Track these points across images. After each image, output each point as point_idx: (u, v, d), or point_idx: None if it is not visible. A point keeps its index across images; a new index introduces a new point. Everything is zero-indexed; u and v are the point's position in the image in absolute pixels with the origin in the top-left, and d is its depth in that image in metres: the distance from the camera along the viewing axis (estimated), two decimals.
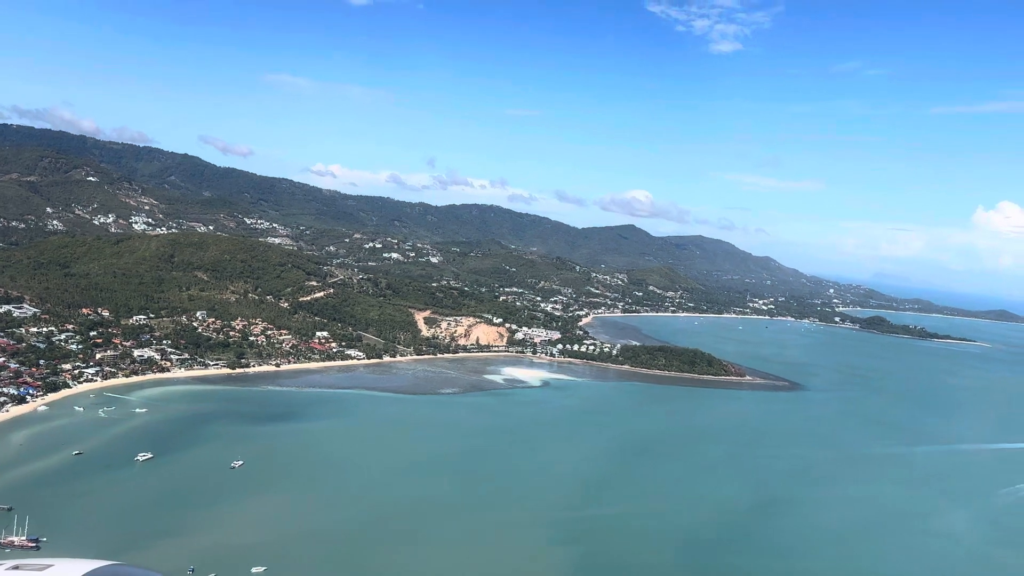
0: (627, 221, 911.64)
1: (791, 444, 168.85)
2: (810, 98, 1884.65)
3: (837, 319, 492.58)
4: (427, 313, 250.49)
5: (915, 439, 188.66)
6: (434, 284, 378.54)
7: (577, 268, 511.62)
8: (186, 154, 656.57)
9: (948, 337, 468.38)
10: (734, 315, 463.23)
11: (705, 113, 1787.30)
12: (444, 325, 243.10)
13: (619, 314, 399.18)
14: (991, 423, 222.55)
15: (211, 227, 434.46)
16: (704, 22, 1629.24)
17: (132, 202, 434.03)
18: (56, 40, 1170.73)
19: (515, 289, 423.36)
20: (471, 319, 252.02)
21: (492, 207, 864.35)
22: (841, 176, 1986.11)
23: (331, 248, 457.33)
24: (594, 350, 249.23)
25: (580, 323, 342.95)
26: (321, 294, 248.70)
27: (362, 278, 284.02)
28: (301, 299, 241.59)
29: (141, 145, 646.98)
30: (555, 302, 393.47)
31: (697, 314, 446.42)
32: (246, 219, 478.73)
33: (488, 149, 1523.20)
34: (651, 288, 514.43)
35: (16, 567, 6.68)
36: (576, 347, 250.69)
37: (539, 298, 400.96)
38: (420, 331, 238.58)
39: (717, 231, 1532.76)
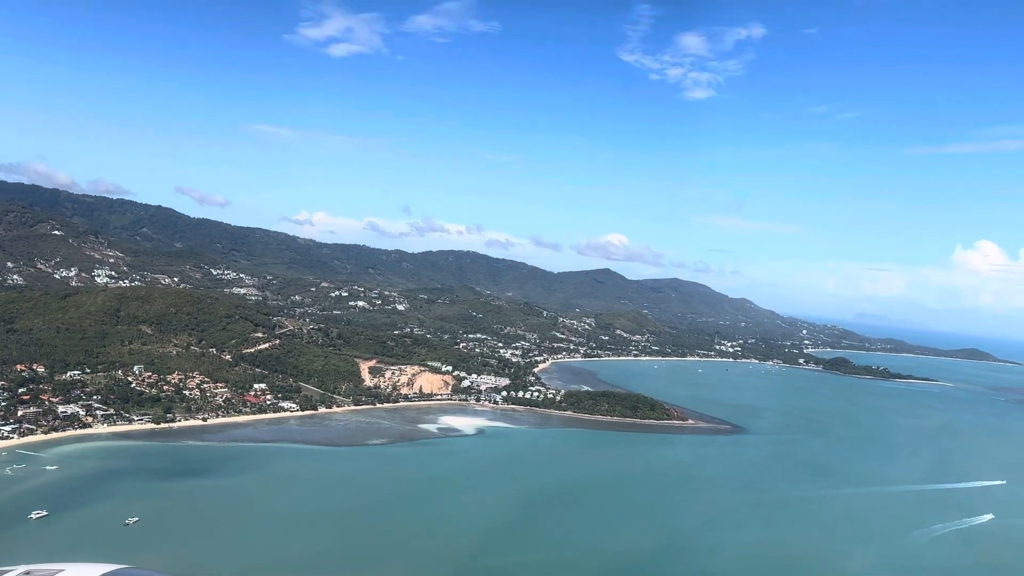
0: (603, 265, 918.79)
1: (713, 489, 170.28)
2: (785, 142, 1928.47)
3: (801, 360, 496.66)
4: (373, 362, 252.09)
5: (842, 481, 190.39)
6: (395, 332, 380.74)
7: (544, 313, 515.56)
8: (160, 206, 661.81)
9: (911, 377, 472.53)
10: (697, 358, 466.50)
11: (683, 157, 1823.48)
12: (388, 374, 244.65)
13: (580, 359, 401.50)
14: (925, 464, 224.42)
15: (176, 279, 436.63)
16: (678, 70, 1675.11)
17: (97, 255, 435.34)
18: (30, 91, 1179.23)
19: (479, 335, 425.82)
20: (416, 368, 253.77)
21: (468, 253, 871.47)
22: (820, 217, 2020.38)
23: (296, 297, 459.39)
24: (539, 396, 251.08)
25: (537, 369, 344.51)
26: (266, 345, 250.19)
27: (313, 328, 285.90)
28: (244, 351, 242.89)
29: (114, 197, 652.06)
30: (516, 348, 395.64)
31: (660, 357, 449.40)
32: (213, 270, 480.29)
33: (467, 195, 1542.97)
34: (618, 332, 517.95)
35: (27, 572, 6.55)
36: (521, 394, 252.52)
37: (501, 344, 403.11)
38: (363, 381, 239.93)
39: (693, 274, 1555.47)
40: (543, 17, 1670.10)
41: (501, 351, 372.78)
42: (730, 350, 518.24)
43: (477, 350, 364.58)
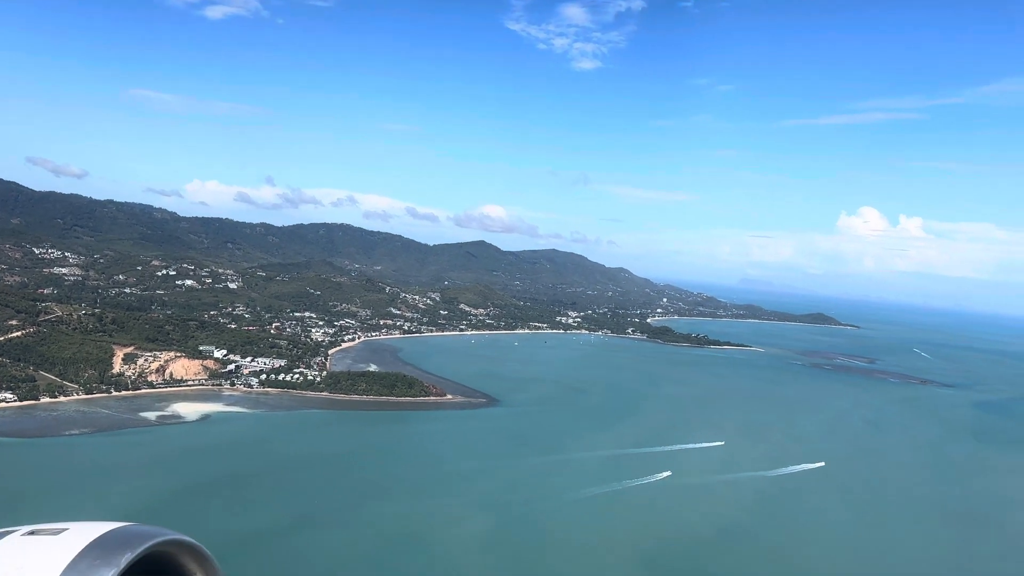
0: (481, 237, 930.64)
1: (393, 466, 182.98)
2: (670, 114, 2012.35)
3: (629, 330, 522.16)
4: (130, 349, 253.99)
5: (538, 451, 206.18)
6: (211, 313, 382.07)
7: (387, 289, 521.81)
8: (1, 179, 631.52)
9: (728, 344, 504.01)
10: (528, 331, 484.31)
11: (573, 128, 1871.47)
12: (141, 361, 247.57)
13: (398, 335, 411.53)
14: (649, 430, 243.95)
15: None
16: (563, 40, 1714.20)
17: None
18: None
19: (308, 314, 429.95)
20: (172, 353, 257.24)
21: (341, 226, 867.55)
22: (709, 186, 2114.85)
23: (120, 277, 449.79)
24: (298, 379, 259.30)
25: (338, 348, 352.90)
26: (19, 333, 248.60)
27: (85, 313, 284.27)
28: None
29: None
30: (335, 327, 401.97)
31: (490, 331, 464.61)
32: (35, 249, 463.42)
33: (350, 165, 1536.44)
34: (461, 306, 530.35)
35: (32, 532, 6.49)
36: (282, 376, 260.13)
37: (322, 322, 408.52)
38: (113, 368, 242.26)
39: (570, 244, 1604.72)
40: None
41: (313, 331, 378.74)
42: (570, 322, 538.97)
43: (288, 330, 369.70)
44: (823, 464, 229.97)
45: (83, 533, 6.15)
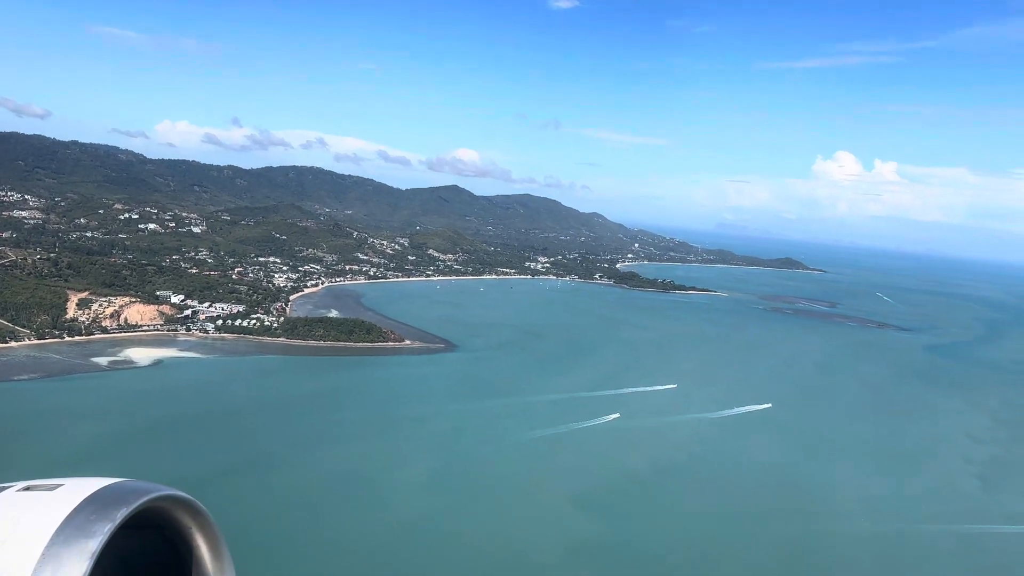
0: (454, 181, 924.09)
1: (345, 410, 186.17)
2: (648, 55, 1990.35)
3: (597, 276, 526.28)
4: (84, 294, 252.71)
5: (492, 395, 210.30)
6: (172, 257, 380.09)
7: (354, 234, 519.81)
8: None
9: (693, 288, 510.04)
10: (496, 277, 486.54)
11: (550, 69, 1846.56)
12: (95, 306, 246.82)
13: (364, 281, 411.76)
14: (602, 374, 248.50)
15: None
16: None
17: None
18: None
19: (272, 259, 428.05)
20: (126, 298, 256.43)
21: (312, 168, 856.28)
22: (686, 130, 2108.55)
23: (82, 220, 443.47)
24: (255, 324, 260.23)
25: (300, 294, 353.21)
26: None
27: (41, 258, 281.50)
28: None
29: None
30: (300, 272, 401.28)
31: (455, 277, 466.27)
32: None
33: (322, 107, 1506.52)
34: (430, 252, 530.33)
35: (27, 488, 6.52)
36: (239, 322, 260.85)
37: (286, 267, 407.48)
38: (67, 313, 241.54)
39: (544, 189, 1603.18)
40: None
41: (276, 276, 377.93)
42: (539, 267, 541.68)
43: (250, 276, 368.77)
44: (769, 405, 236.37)
45: (79, 489, 6.12)
